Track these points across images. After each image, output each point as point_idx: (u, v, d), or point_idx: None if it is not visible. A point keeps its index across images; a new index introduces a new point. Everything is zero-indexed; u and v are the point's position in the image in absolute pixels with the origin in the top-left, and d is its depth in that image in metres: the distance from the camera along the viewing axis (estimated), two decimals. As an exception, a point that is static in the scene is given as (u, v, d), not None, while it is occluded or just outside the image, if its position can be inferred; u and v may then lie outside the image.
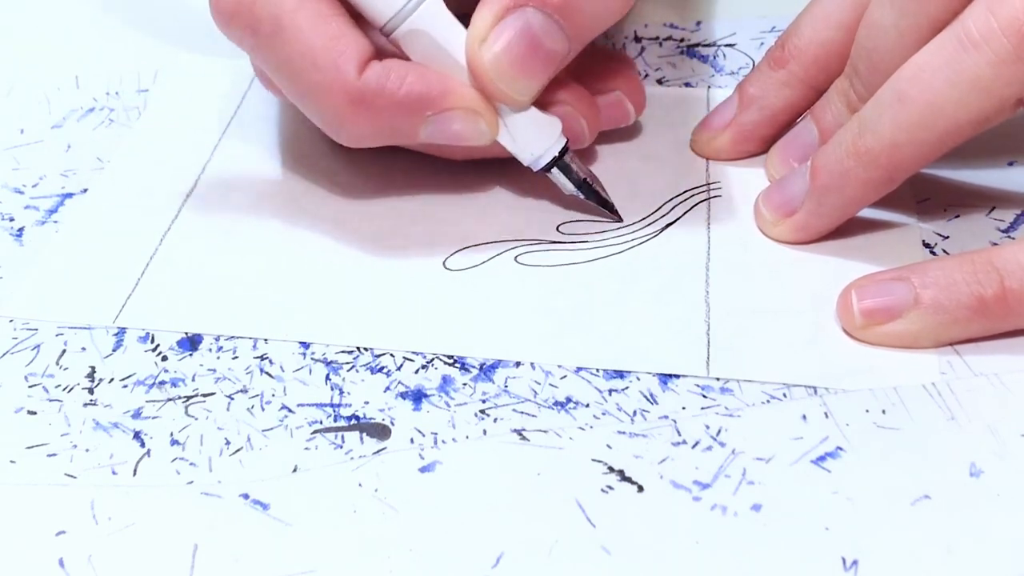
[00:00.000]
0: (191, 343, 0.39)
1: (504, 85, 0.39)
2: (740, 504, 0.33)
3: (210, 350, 0.38)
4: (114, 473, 0.35)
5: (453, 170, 0.43)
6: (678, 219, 0.43)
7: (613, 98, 0.44)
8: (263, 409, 0.37)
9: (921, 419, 0.35)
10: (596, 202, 0.43)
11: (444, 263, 0.41)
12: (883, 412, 0.35)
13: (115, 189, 0.45)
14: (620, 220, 0.43)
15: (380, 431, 0.36)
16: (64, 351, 0.38)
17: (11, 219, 0.44)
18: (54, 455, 0.35)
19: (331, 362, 0.38)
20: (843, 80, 0.42)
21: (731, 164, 0.45)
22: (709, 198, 0.43)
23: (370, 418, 0.36)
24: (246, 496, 0.34)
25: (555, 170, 0.42)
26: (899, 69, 0.38)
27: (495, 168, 0.43)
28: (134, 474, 0.35)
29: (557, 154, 0.42)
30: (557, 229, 0.42)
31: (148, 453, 0.35)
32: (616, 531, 0.33)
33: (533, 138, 0.41)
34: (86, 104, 0.49)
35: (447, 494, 0.34)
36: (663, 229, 0.42)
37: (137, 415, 0.36)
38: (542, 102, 0.41)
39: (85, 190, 0.45)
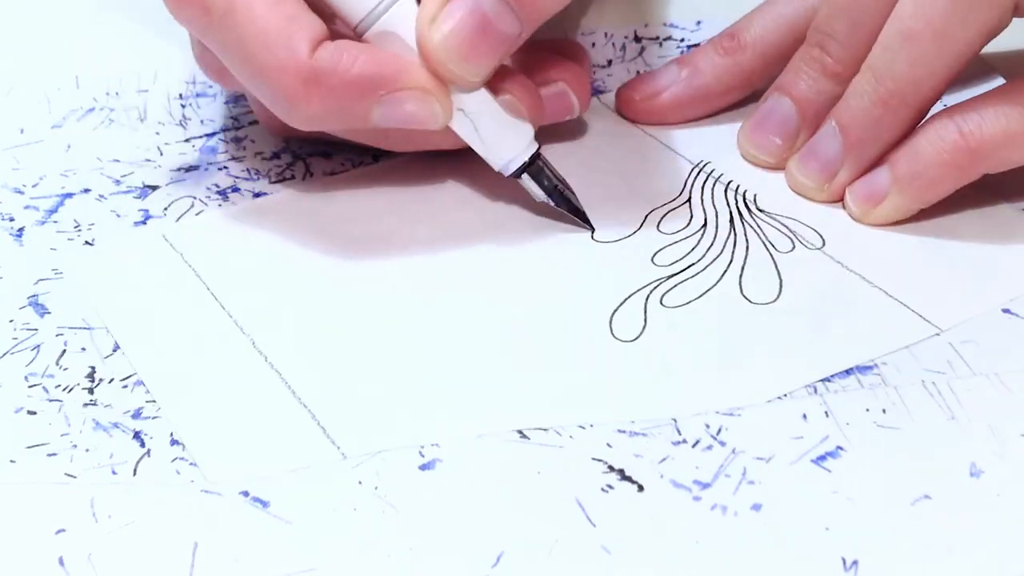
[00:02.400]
0: (191, 342, 0.39)
1: (453, 66, 0.39)
2: (740, 504, 0.33)
3: (210, 350, 0.39)
4: (114, 473, 0.35)
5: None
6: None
7: (557, 89, 0.44)
8: (264, 409, 0.37)
9: (921, 419, 0.35)
10: (567, 210, 0.42)
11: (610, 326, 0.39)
12: (883, 412, 0.35)
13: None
14: (592, 229, 0.42)
15: (380, 431, 0.36)
16: (64, 351, 0.38)
17: (11, 219, 0.44)
18: (54, 455, 0.35)
19: (332, 361, 0.38)
20: (811, 49, 0.44)
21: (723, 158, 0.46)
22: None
23: (372, 417, 0.36)
24: (246, 494, 0.34)
25: (525, 176, 0.42)
26: (895, 9, 0.41)
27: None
28: (134, 474, 0.35)
29: (528, 160, 0.41)
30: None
31: (148, 453, 0.35)
32: (616, 531, 0.32)
33: (503, 142, 0.41)
34: (86, 104, 0.49)
35: (447, 492, 0.34)
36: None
37: (137, 415, 0.36)
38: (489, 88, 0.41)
39: (86, 190, 0.45)
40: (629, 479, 0.34)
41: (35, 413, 0.36)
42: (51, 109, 0.49)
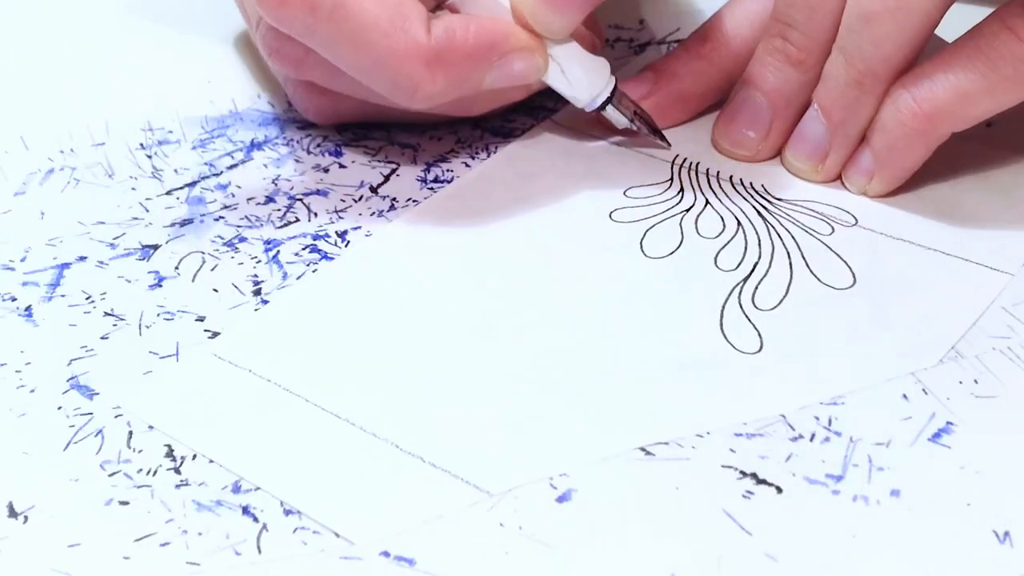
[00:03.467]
0: (263, 405, 0.37)
1: (547, 22, 0.42)
2: (879, 492, 0.34)
3: (286, 410, 0.37)
4: (237, 554, 0.33)
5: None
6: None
7: None
8: (368, 462, 0.35)
9: (1012, 384, 0.37)
10: (650, 131, 0.45)
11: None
12: (975, 382, 0.37)
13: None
14: (669, 146, 0.46)
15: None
16: (131, 432, 0.36)
17: (12, 299, 0.41)
18: (167, 544, 0.33)
19: (417, 405, 0.37)
20: (772, 40, 0.45)
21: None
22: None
23: (481, 457, 0.35)
24: (387, 554, 0.33)
25: (610, 107, 0.45)
26: None
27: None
28: (259, 551, 0.33)
29: (610, 93, 0.44)
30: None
31: (265, 527, 0.33)
32: (773, 536, 0.33)
33: (587, 81, 0.44)
34: (42, 165, 0.46)
35: (594, 521, 0.33)
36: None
37: (237, 489, 0.34)
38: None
39: (82, 257, 0.42)
40: (765, 482, 0.34)
41: (127, 503, 0.34)
42: (5, 175, 0.46)
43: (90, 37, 0.53)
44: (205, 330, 0.39)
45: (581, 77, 0.44)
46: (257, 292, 0.41)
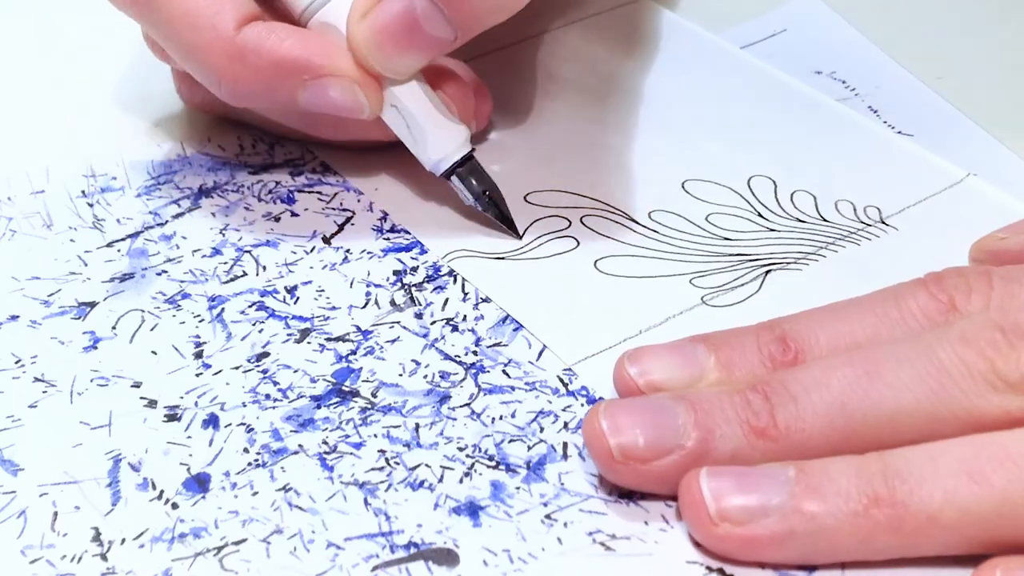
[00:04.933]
0: (199, 483, 0.35)
1: (376, 62, 0.40)
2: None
3: (223, 489, 0.34)
4: (165, 652, 0.30)
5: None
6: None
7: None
8: (308, 550, 0.33)
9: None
10: (494, 216, 0.42)
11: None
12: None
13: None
14: (519, 237, 0.42)
15: (447, 557, 0.33)
16: (56, 513, 0.34)
17: (-63, 364, 0.38)
18: (88, 642, 0.31)
19: (364, 483, 0.34)
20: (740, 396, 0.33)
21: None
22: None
23: (430, 543, 0.33)
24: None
25: (455, 178, 0.42)
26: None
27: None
28: (186, 649, 0.31)
29: (459, 160, 0.41)
30: None
31: (194, 621, 0.31)
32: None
33: (434, 141, 0.41)
34: (-22, 216, 0.44)
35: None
36: None
37: (167, 577, 0.32)
38: None
39: (14, 316, 0.40)
40: None
41: (48, 594, 0.32)
42: (-61, 227, 0.44)
43: (31, 75, 0.51)
44: (141, 397, 0.37)
45: (425, 134, 0.41)
46: (198, 355, 0.38)
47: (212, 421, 0.36)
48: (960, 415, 0.31)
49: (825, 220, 0.43)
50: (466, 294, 0.41)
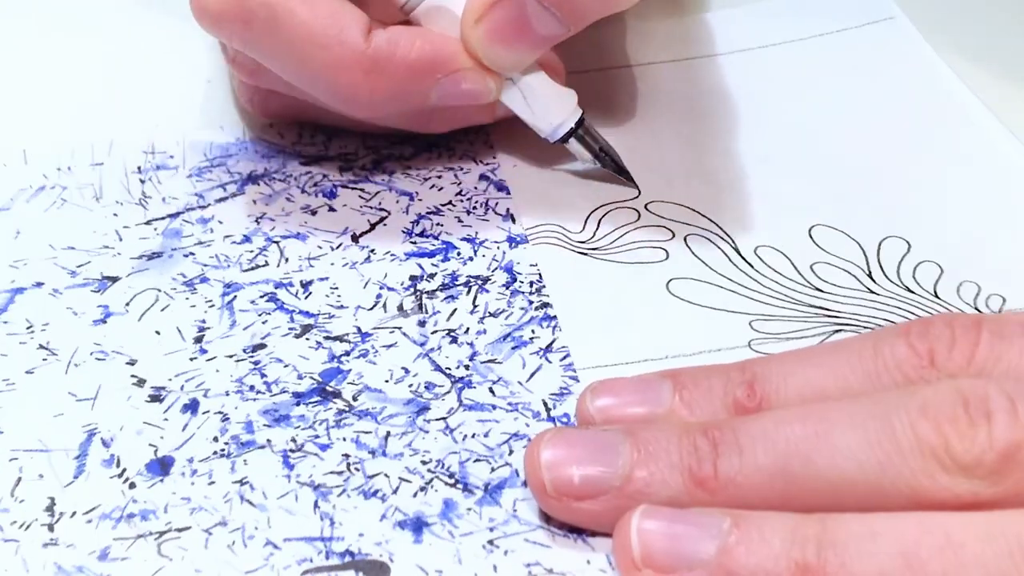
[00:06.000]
0: (161, 466, 0.35)
1: (492, 63, 0.41)
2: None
3: (183, 474, 0.35)
4: (80, 628, 0.31)
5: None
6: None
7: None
8: (245, 545, 0.33)
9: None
10: (614, 171, 0.44)
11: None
12: None
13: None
14: (637, 188, 0.44)
15: (378, 570, 0.32)
16: (19, 479, 0.34)
17: (-45, 320, 0.39)
18: (9, 609, 0.31)
19: (319, 486, 0.34)
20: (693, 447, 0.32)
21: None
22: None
23: (366, 554, 0.32)
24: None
25: (573, 140, 0.43)
26: None
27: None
28: (103, 628, 0.31)
29: (574, 124, 0.43)
30: None
31: (118, 602, 0.31)
32: None
33: (552, 109, 0.43)
34: (35, 182, 0.45)
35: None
36: None
37: (104, 556, 0.32)
38: None
39: (39, 283, 0.41)
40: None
41: (-12, 558, 0.32)
42: (-3, 188, 0.45)
43: (106, 46, 0.52)
44: (132, 375, 0.38)
45: (543, 104, 0.42)
46: (198, 340, 0.39)
47: (192, 406, 0.37)
48: (904, 491, 0.29)
49: (938, 298, 0.39)
50: (476, 306, 0.40)
